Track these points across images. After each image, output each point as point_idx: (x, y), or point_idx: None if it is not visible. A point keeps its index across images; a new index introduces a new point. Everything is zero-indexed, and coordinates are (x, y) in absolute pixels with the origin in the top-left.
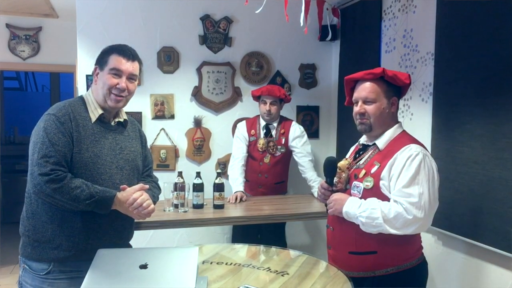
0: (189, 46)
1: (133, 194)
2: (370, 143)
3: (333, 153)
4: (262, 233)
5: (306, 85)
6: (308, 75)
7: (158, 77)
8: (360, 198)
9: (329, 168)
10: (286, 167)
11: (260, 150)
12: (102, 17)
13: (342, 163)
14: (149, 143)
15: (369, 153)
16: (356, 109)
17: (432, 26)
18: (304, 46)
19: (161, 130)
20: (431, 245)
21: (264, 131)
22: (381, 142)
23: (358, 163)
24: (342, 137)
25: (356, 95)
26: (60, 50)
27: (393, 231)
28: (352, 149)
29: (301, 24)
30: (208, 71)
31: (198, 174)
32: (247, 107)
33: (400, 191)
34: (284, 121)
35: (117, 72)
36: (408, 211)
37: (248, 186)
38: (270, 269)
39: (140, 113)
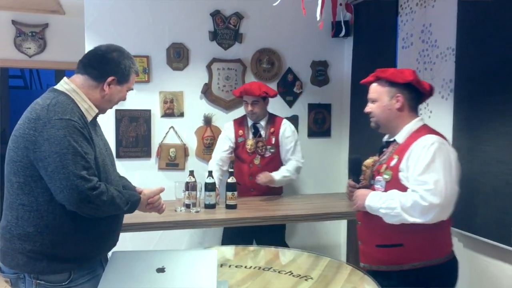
0: (199, 42)
1: (159, 199)
2: (391, 139)
3: (345, 152)
4: (258, 236)
5: (318, 82)
6: (320, 72)
7: (167, 74)
8: (384, 191)
9: (354, 166)
10: (278, 167)
11: (249, 151)
12: (110, 13)
13: (368, 161)
14: (158, 142)
15: (391, 148)
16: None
17: (453, 20)
18: (316, 42)
19: (170, 128)
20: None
21: (253, 130)
22: (400, 136)
23: (381, 159)
24: (355, 135)
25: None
26: (67, 47)
27: (412, 220)
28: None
29: (317, 19)
30: (218, 68)
31: (210, 173)
32: None
33: (415, 180)
34: (273, 119)
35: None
36: (424, 198)
37: (240, 190)
38: (292, 273)
39: (149, 110)
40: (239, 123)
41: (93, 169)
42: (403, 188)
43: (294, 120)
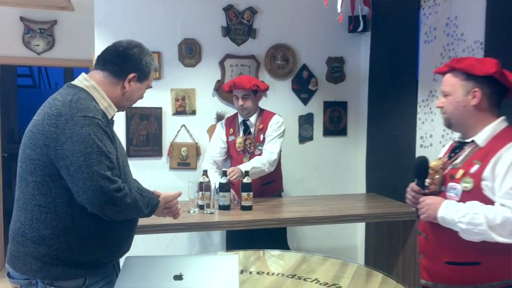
0: (212, 38)
1: (176, 204)
2: (468, 140)
3: (362, 151)
4: (259, 239)
5: (334, 79)
6: (336, 69)
7: (179, 71)
8: (458, 201)
9: (420, 169)
10: None
11: (238, 149)
12: (120, 8)
13: (435, 163)
14: (169, 140)
15: (467, 151)
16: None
17: (482, 12)
18: (331, 38)
19: (181, 126)
20: None
21: (243, 128)
22: (481, 138)
23: (454, 163)
24: (373, 135)
25: None
26: (76, 44)
27: (500, 239)
28: (445, 147)
29: (338, 11)
30: (231, 64)
31: (224, 173)
32: (272, 102)
33: (507, 193)
34: (263, 115)
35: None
36: None
37: (235, 191)
38: (319, 281)
39: (160, 108)
40: (230, 121)
41: (117, 169)
42: (486, 200)
43: (309, 118)
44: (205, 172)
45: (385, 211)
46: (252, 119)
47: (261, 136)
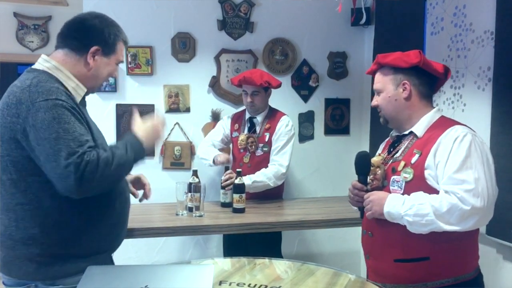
0: (207, 31)
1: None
2: (406, 132)
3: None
4: (250, 244)
5: (336, 75)
6: (338, 65)
7: (172, 66)
8: (403, 194)
9: (362, 164)
10: None
11: (240, 147)
12: (111, 0)
13: (375, 159)
14: (162, 139)
15: (406, 143)
16: None
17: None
18: (333, 32)
19: (175, 124)
20: (489, 258)
21: (248, 125)
22: (419, 128)
23: (394, 156)
24: (376, 133)
25: None
26: None
27: (448, 228)
28: (382, 145)
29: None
30: (227, 59)
31: (226, 169)
32: (270, 99)
33: (451, 179)
34: (273, 114)
35: (120, 64)
36: (464, 200)
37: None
38: None
39: (153, 105)
40: (237, 116)
41: (87, 141)
42: (429, 189)
43: (309, 116)
44: (194, 172)
45: None
46: (260, 117)
47: (267, 137)
